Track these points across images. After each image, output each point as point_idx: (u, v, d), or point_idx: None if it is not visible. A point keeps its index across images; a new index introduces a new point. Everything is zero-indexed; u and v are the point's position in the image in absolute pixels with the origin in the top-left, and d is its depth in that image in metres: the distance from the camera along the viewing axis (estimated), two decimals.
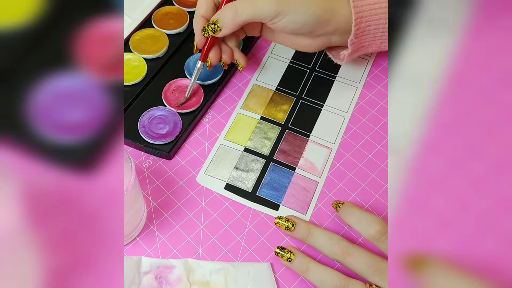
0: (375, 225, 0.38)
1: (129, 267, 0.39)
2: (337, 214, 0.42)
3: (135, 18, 0.54)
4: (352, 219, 0.40)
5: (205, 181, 0.45)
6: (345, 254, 0.38)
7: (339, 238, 0.39)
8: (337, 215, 0.42)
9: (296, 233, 0.41)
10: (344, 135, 0.49)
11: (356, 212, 0.40)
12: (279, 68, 0.54)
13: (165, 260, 0.40)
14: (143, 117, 0.47)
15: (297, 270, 0.39)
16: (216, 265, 0.40)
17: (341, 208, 0.41)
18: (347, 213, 0.40)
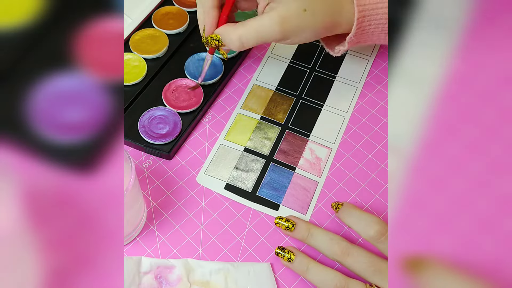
0: (374, 226, 0.38)
1: (129, 267, 0.39)
2: (336, 215, 0.42)
3: (135, 18, 0.54)
4: (352, 220, 0.40)
5: (205, 181, 0.45)
6: (345, 254, 0.38)
7: (339, 238, 0.39)
8: (336, 216, 0.43)
9: (296, 233, 0.41)
10: (344, 135, 0.49)
11: (356, 213, 0.40)
12: (279, 68, 0.54)
13: (165, 260, 0.40)
14: (143, 117, 0.47)
15: (297, 270, 0.39)
16: (216, 265, 0.40)
17: (340, 209, 0.41)
18: (346, 214, 0.40)
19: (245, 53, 0.54)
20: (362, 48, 0.55)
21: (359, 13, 0.43)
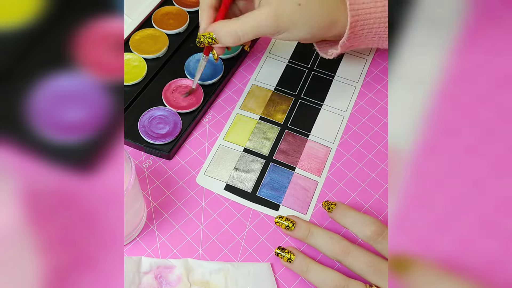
0: (371, 226, 0.38)
1: (129, 267, 0.39)
2: (329, 215, 0.42)
3: (135, 18, 0.54)
4: (347, 221, 0.40)
5: (204, 182, 0.45)
6: (345, 253, 0.38)
7: (339, 237, 0.39)
8: (329, 217, 0.42)
9: (296, 233, 0.41)
10: (344, 135, 0.49)
11: (351, 213, 0.40)
12: (277, 68, 0.54)
13: (165, 260, 0.40)
14: (143, 117, 0.47)
15: (297, 270, 0.39)
16: (216, 265, 0.40)
17: (334, 210, 0.41)
18: (341, 215, 0.40)
19: (245, 53, 0.54)
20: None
21: (352, 18, 0.43)
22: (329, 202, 0.42)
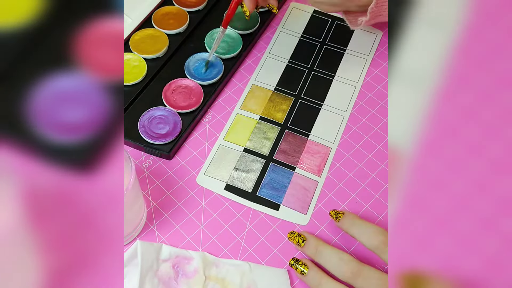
0: (379, 236, 0.37)
1: (149, 253, 0.39)
2: (336, 225, 0.41)
3: (135, 18, 0.54)
4: (355, 230, 0.39)
5: (205, 182, 0.45)
6: (355, 275, 0.37)
7: (349, 258, 0.38)
8: (337, 226, 0.42)
9: (306, 250, 0.40)
10: (344, 135, 0.49)
11: (358, 223, 0.39)
12: (277, 68, 0.54)
13: (184, 251, 0.40)
14: (143, 117, 0.47)
15: (309, 284, 0.38)
16: (233, 263, 0.40)
17: (342, 219, 0.41)
18: (349, 224, 0.40)
19: (245, 53, 0.54)
20: (360, 47, 0.55)
21: None
22: (337, 211, 0.41)
